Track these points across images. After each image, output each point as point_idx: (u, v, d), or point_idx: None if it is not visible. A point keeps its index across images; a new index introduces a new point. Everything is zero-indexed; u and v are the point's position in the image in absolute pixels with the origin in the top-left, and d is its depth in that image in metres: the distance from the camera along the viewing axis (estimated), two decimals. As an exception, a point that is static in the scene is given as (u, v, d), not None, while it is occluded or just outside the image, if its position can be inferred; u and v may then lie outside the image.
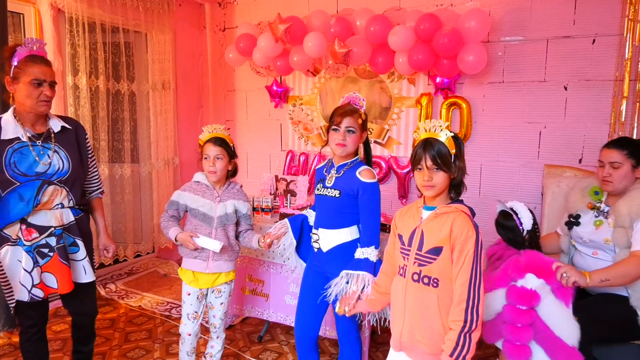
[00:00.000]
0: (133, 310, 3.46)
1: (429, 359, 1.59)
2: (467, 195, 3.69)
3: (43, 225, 2.00)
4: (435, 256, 1.55)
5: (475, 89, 3.45)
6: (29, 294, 1.99)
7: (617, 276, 1.98)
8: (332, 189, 2.08)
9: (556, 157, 3.20)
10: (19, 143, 1.93)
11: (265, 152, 4.46)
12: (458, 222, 1.52)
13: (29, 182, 1.93)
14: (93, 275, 2.19)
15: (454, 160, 1.56)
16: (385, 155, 3.80)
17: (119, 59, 3.94)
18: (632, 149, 2.12)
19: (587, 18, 3.06)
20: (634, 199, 2.07)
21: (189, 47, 4.57)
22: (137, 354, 2.84)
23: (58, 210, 2.03)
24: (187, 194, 2.29)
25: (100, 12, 3.63)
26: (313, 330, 2.24)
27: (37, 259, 2.00)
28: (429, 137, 1.58)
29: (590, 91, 3.10)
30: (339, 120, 2.03)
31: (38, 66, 1.91)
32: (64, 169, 2.02)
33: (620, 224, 2.09)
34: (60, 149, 2.03)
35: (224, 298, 2.36)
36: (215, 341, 2.42)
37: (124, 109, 4.02)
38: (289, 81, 4.19)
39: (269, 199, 3.08)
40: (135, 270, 4.26)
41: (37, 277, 2.00)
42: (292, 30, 3.36)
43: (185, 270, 2.32)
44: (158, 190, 4.27)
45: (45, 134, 2.00)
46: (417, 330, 1.60)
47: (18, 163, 1.91)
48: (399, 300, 1.66)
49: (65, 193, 2.05)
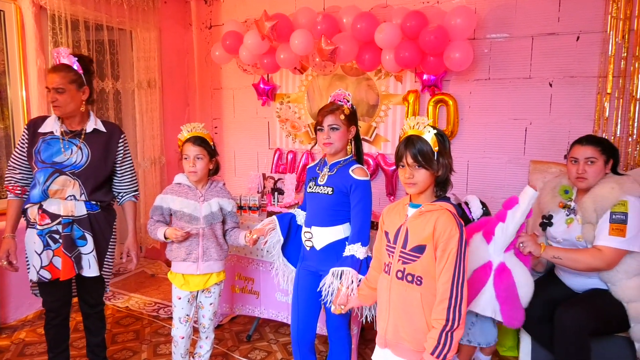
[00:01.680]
0: (120, 311, 3.43)
1: (412, 356, 1.59)
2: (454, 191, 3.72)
3: (54, 213, 2.17)
4: (419, 254, 1.55)
5: (461, 86, 3.46)
6: (37, 274, 2.18)
7: (569, 258, 2.09)
8: (324, 186, 2.08)
9: (542, 153, 3.24)
10: (51, 136, 2.18)
11: (253, 150, 4.43)
12: (441, 221, 1.52)
13: (44, 168, 2.13)
14: (97, 271, 2.26)
15: (437, 157, 1.55)
16: (373, 152, 3.80)
17: (103, 57, 3.89)
18: (605, 145, 2.17)
19: (572, 15, 3.09)
20: (597, 195, 2.11)
21: (174, 45, 4.52)
22: (124, 355, 2.81)
23: (70, 201, 2.18)
24: (169, 197, 2.25)
25: (83, 9, 3.58)
26: (311, 331, 2.23)
27: (49, 243, 2.19)
28: (411, 135, 1.57)
29: (575, 88, 3.13)
30: (320, 119, 2.07)
31: (49, 75, 2.16)
32: (80, 163, 2.18)
33: (588, 220, 2.13)
34: (86, 146, 2.21)
35: (213, 298, 2.35)
36: (204, 341, 2.40)
37: (109, 107, 3.97)
38: (276, 79, 4.17)
39: (257, 197, 3.06)
40: (122, 270, 4.21)
41: (47, 259, 2.18)
42: (279, 27, 3.34)
43: (175, 274, 2.28)
44: (144, 189, 4.23)
45: (77, 132, 2.21)
46: (401, 328, 1.60)
47: (43, 151, 2.15)
48: (384, 298, 1.66)
49: (78, 186, 2.18)
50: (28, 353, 2.81)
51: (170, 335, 2.98)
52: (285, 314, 2.84)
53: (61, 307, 2.31)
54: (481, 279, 2.05)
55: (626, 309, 2.06)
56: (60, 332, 2.35)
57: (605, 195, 2.08)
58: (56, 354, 2.35)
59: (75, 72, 2.15)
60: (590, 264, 2.05)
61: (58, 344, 2.35)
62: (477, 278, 2.06)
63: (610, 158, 2.16)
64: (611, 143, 2.23)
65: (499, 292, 2.02)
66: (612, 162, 2.17)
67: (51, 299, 2.28)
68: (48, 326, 2.31)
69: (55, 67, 2.16)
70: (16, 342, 2.94)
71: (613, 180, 2.13)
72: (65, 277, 2.19)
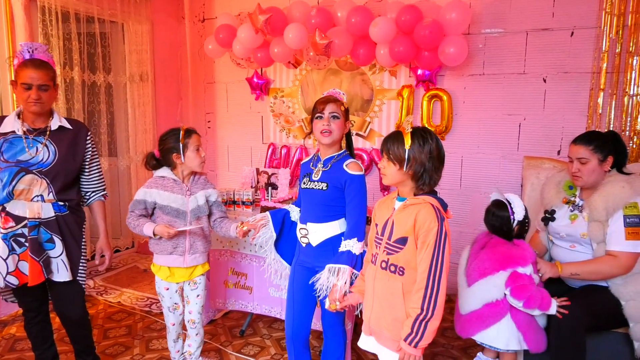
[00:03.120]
0: (112, 306, 3.40)
1: (392, 344, 1.67)
2: (449, 186, 3.72)
3: (19, 215, 2.07)
4: (402, 246, 1.62)
5: (456, 81, 3.46)
6: (3, 280, 2.07)
7: (588, 272, 2.08)
8: (319, 182, 2.07)
9: (535, 149, 3.24)
10: (13, 135, 2.07)
11: (247, 145, 4.41)
12: (422, 213, 1.57)
13: (8, 167, 2.03)
14: (69, 276, 2.15)
15: (408, 155, 1.59)
16: (367, 147, 3.79)
17: (95, 49, 3.84)
18: (598, 143, 2.12)
19: (566, 11, 3.09)
20: (609, 194, 2.09)
21: (167, 38, 4.48)
22: (117, 350, 2.80)
23: (36, 203, 2.08)
24: (155, 191, 2.23)
25: (74, 1, 3.53)
26: (306, 328, 2.21)
27: (14, 247, 2.08)
28: (395, 131, 1.68)
29: (569, 83, 3.14)
30: (322, 107, 2.04)
31: (28, 70, 2.02)
32: (47, 161, 2.08)
33: (596, 218, 2.11)
34: (52, 143, 2.11)
35: (200, 290, 2.35)
36: (194, 338, 2.40)
37: (101, 101, 3.93)
38: (269, 73, 4.14)
39: (250, 192, 3.04)
40: (115, 265, 4.18)
41: (13, 264, 2.08)
42: (273, 21, 3.32)
43: (159, 267, 2.29)
44: (137, 184, 4.19)
45: (42, 130, 2.12)
46: (382, 317, 1.67)
47: (5, 151, 2.04)
48: (370, 287, 1.74)
49: (46, 185, 2.08)
50: (19, 348, 2.78)
51: (162, 331, 2.98)
52: (279, 309, 2.83)
53: (40, 305, 2.25)
54: (495, 314, 2.01)
55: (623, 307, 2.05)
56: (44, 328, 2.30)
57: (616, 194, 2.06)
58: (42, 350, 2.31)
59: (52, 68, 2.09)
60: (610, 273, 2.05)
61: (43, 340, 2.30)
62: (489, 312, 2.02)
63: (609, 155, 2.12)
64: (614, 139, 2.16)
65: (520, 322, 2.00)
66: (611, 158, 2.12)
67: (28, 299, 2.22)
68: (29, 325, 2.26)
69: (35, 62, 2.03)
70: (6, 337, 2.91)
71: (622, 178, 2.10)
72: (34, 282, 2.08)
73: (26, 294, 2.19)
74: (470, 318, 2.05)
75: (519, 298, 1.94)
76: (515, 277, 1.98)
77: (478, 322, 2.03)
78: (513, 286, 1.96)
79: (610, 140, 2.15)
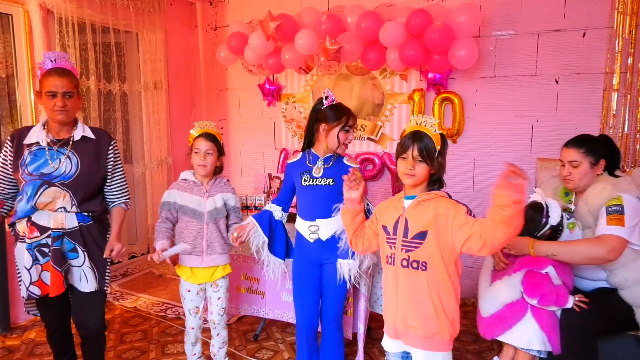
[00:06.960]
0: (128, 311, 3.45)
1: (422, 342, 1.64)
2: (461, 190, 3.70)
3: (44, 225, 2.07)
4: (422, 240, 1.61)
5: (467, 84, 3.45)
6: (27, 290, 2.09)
7: (565, 251, 2.01)
8: (323, 178, 2.21)
9: (549, 151, 3.20)
10: (37, 146, 2.07)
11: (259, 150, 4.45)
12: (442, 204, 1.61)
13: (32, 180, 2.03)
14: (94, 286, 2.14)
15: (437, 155, 1.63)
16: (378, 151, 3.79)
17: (110, 59, 3.92)
18: (590, 147, 2.10)
19: (577, 11, 3.06)
20: (589, 195, 2.08)
21: (180, 47, 4.55)
22: (132, 354, 2.83)
23: (60, 213, 2.07)
24: (175, 192, 2.34)
25: (90, 12, 3.61)
26: (316, 318, 2.34)
27: (38, 257, 2.08)
28: (419, 130, 1.65)
29: (582, 84, 3.11)
30: (352, 122, 2.23)
31: (52, 78, 2.02)
32: (70, 173, 2.07)
33: (587, 224, 2.10)
34: (74, 155, 2.10)
35: (221, 292, 2.40)
36: (216, 339, 2.45)
37: (116, 109, 4.00)
38: (281, 79, 4.18)
39: (262, 197, 3.07)
40: (130, 271, 4.24)
41: (36, 274, 2.08)
42: (283, 27, 3.35)
43: (182, 267, 2.37)
44: (152, 190, 4.26)
45: (65, 141, 2.11)
46: (410, 316, 1.65)
47: (29, 163, 2.04)
48: (391, 288, 1.70)
49: (69, 197, 2.07)
50: (38, 353, 2.83)
51: (178, 335, 3.01)
52: (291, 314, 2.84)
53: (62, 320, 2.25)
54: (516, 313, 2.00)
55: (635, 313, 2.02)
56: (65, 340, 2.32)
57: (596, 195, 2.04)
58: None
59: (75, 76, 2.10)
60: (590, 252, 1.97)
61: (65, 351, 2.33)
62: (510, 312, 2.02)
63: (601, 159, 2.10)
64: (607, 143, 2.15)
65: (542, 322, 1.96)
66: (604, 162, 2.10)
67: (50, 312, 2.20)
68: (52, 338, 2.27)
69: (58, 70, 2.04)
70: (26, 342, 2.97)
71: (606, 180, 2.08)
72: (55, 292, 2.07)
73: (49, 306, 2.17)
74: (492, 320, 2.07)
75: (533, 296, 1.94)
76: (529, 276, 1.99)
77: (501, 323, 2.04)
78: (526, 284, 1.96)
79: (602, 143, 2.14)
